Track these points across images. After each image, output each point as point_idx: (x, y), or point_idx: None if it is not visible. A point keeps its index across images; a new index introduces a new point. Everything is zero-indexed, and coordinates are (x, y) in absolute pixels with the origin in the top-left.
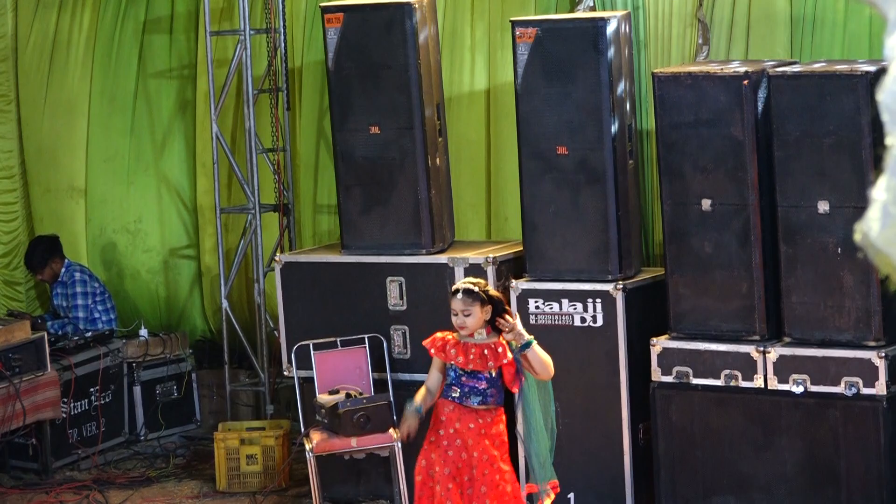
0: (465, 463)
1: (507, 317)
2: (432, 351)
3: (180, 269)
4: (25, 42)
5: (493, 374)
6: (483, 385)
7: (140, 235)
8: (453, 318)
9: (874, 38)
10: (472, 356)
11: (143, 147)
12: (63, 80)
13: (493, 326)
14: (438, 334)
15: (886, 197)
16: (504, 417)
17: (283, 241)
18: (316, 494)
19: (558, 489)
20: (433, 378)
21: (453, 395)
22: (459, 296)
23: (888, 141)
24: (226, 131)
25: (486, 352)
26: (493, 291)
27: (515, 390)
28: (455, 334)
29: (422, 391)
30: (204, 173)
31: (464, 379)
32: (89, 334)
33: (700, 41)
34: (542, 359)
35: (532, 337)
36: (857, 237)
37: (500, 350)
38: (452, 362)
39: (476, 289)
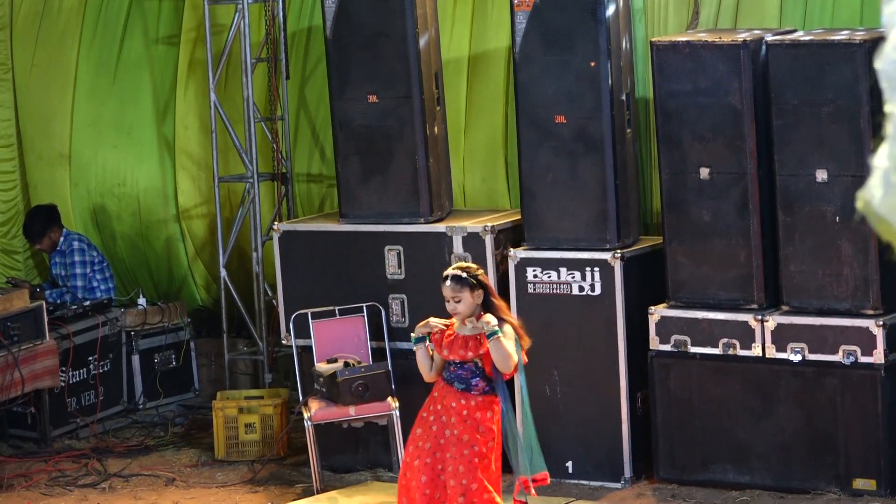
0: (446, 440)
1: (486, 317)
2: (436, 345)
3: (166, 234)
4: (18, 9)
5: (479, 366)
6: (467, 374)
7: (125, 199)
8: (447, 305)
9: (865, 6)
10: (456, 348)
11: (128, 112)
12: (54, 47)
13: (484, 311)
14: (442, 325)
15: (888, 164)
16: (496, 409)
17: (282, 211)
18: (314, 463)
19: (547, 481)
20: (437, 358)
21: (444, 374)
22: (448, 283)
23: (887, 108)
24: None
25: (469, 343)
26: (483, 276)
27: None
28: (453, 321)
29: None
30: (186, 137)
31: (452, 367)
32: (88, 303)
33: (695, 8)
34: (501, 352)
35: (497, 329)
36: (859, 205)
37: (481, 341)
38: (440, 354)
39: (464, 275)
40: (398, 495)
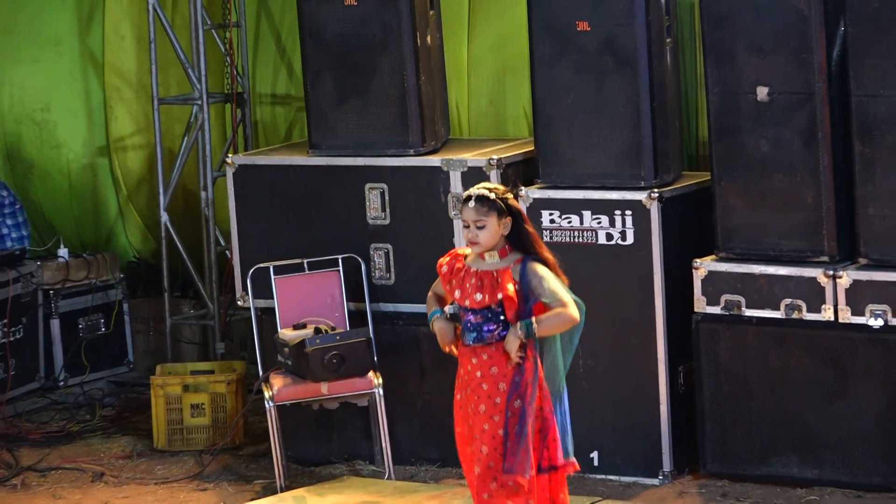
0: (471, 416)
1: (508, 341)
2: (443, 277)
3: (92, 170)
4: None
5: (494, 309)
6: (477, 319)
7: (48, 127)
8: (464, 232)
9: None
10: (468, 287)
11: (53, 20)
12: None
13: (511, 245)
14: (456, 251)
15: None
16: (528, 354)
17: (237, 140)
18: (277, 453)
19: (576, 467)
20: (438, 286)
21: (462, 330)
22: (472, 203)
23: None
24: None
25: (483, 282)
26: (513, 201)
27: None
28: (469, 252)
29: (429, 297)
30: (120, 50)
31: (462, 313)
32: None
33: None
34: (555, 327)
35: (532, 329)
36: None
37: (499, 280)
38: (448, 293)
39: (493, 195)
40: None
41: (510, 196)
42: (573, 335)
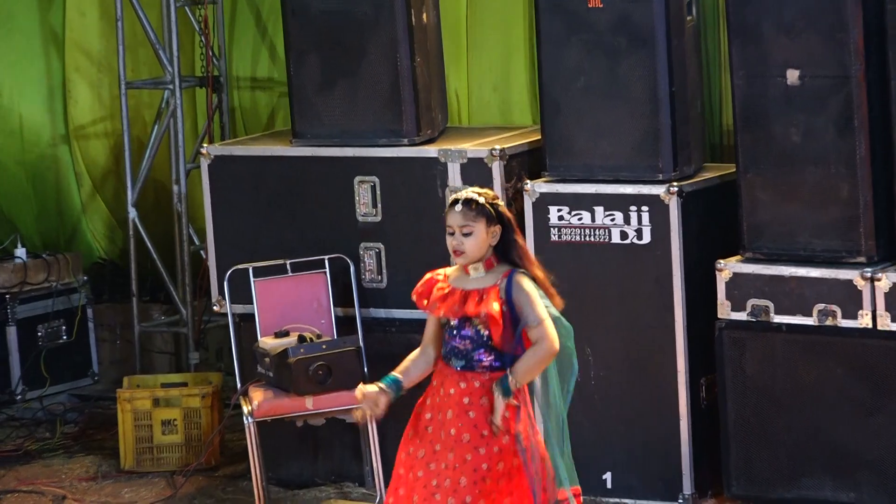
0: (443, 444)
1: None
2: (419, 298)
3: (54, 161)
4: None
5: (482, 333)
6: (466, 345)
7: (3, 114)
8: (448, 240)
9: None
10: (452, 303)
11: None
12: None
13: (498, 256)
14: (433, 276)
15: None
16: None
17: (213, 128)
18: (257, 475)
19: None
20: (430, 331)
21: (443, 349)
22: (458, 207)
23: None
24: None
25: (468, 298)
26: (504, 208)
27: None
28: (451, 269)
29: (412, 354)
30: (83, 28)
31: (447, 336)
32: None
33: None
34: (533, 369)
35: (502, 391)
36: None
37: (483, 297)
38: (429, 311)
39: (482, 199)
40: None
41: (500, 203)
42: (568, 380)
